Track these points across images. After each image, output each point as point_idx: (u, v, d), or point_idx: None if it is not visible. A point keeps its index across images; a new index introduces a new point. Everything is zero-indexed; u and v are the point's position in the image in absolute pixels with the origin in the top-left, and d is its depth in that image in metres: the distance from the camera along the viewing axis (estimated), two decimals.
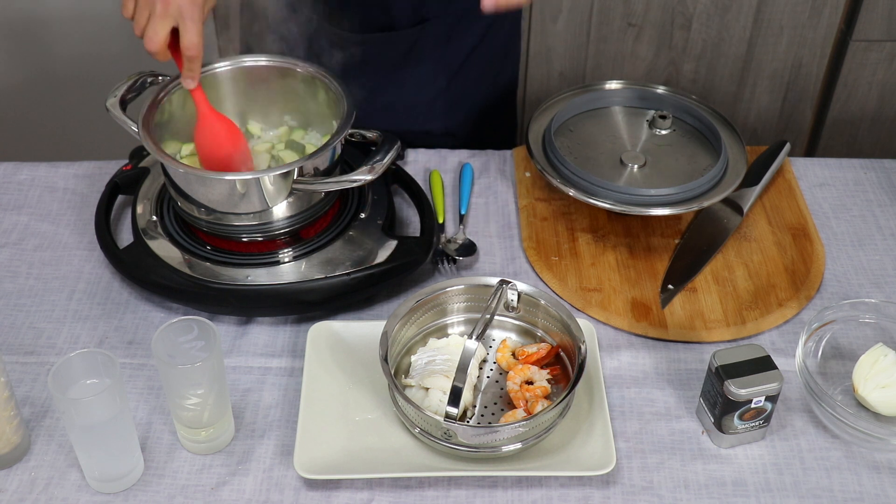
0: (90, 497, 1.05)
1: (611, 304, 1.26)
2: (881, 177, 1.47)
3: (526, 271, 1.31)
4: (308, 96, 1.31)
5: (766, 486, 1.07)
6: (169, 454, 1.09)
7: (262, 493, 1.06)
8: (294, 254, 1.24)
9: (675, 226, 1.37)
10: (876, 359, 1.13)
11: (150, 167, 1.35)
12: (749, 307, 1.26)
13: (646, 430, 1.13)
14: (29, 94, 2.41)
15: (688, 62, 2.05)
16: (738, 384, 1.05)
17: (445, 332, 1.19)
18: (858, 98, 2.07)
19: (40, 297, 1.26)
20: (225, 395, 1.07)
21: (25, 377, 1.17)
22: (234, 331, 1.22)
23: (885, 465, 1.10)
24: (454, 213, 1.40)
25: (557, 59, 2.04)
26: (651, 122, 1.41)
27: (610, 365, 1.19)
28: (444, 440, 1.05)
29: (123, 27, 2.30)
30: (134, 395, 1.15)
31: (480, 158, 1.48)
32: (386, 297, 1.27)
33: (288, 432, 1.11)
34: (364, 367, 1.16)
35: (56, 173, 1.44)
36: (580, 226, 1.37)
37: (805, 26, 1.99)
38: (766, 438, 1.12)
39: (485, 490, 1.06)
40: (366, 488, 1.06)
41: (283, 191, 1.19)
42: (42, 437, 1.11)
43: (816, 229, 1.37)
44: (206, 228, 1.24)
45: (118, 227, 1.35)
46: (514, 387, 1.12)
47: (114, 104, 1.25)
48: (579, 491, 1.06)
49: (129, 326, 1.23)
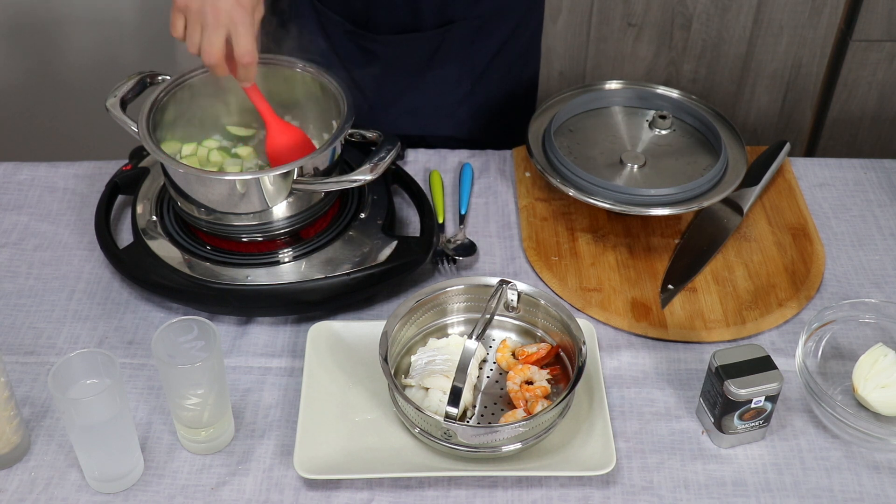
0: (90, 497, 1.05)
1: (611, 304, 1.26)
2: (881, 177, 1.47)
3: (526, 271, 1.31)
4: (308, 96, 1.31)
5: (766, 486, 1.07)
6: (169, 454, 1.09)
7: (262, 493, 1.06)
8: (294, 254, 1.24)
9: (675, 226, 1.37)
10: (876, 359, 1.13)
11: (150, 167, 1.35)
12: (749, 307, 1.26)
13: (646, 430, 1.13)
14: (29, 94, 2.41)
15: (688, 62, 2.05)
16: (738, 384, 1.05)
17: (445, 332, 1.19)
18: (858, 98, 2.07)
19: (40, 297, 1.26)
20: (225, 395, 1.07)
21: (25, 377, 1.17)
22: (234, 331, 1.22)
23: (885, 465, 1.10)
24: (454, 213, 1.40)
25: (557, 59, 2.04)
26: (651, 123, 1.41)
27: (610, 365, 1.19)
28: (444, 440, 1.05)
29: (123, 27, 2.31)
30: (134, 395, 1.15)
31: (480, 158, 1.48)
32: (386, 297, 1.27)
33: (288, 432, 1.11)
34: (364, 367, 1.16)
35: (56, 173, 1.44)
36: (580, 226, 1.37)
37: (805, 26, 1.99)
38: (766, 438, 1.12)
39: (485, 490, 1.06)
40: (366, 488, 1.06)
41: (283, 191, 1.19)
42: (42, 437, 1.11)
43: (816, 229, 1.37)
44: (206, 228, 1.24)
45: (118, 227, 1.35)
46: (514, 387, 1.12)
47: (114, 104, 1.25)
48: (579, 491, 1.06)
49: (129, 326, 1.23)
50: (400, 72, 1.49)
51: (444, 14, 1.44)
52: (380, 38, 1.45)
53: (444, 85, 1.51)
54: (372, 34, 1.45)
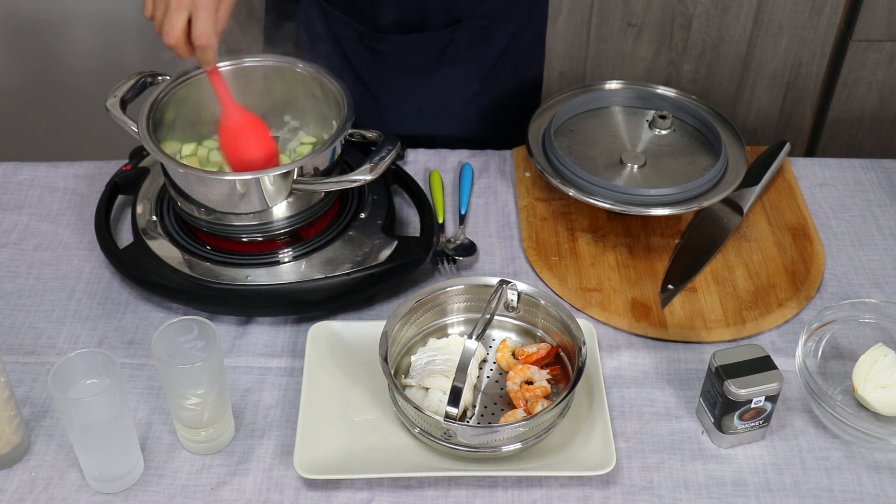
0: (90, 497, 1.05)
1: (611, 304, 1.26)
2: (881, 177, 1.47)
3: (526, 271, 1.31)
4: (308, 96, 1.31)
5: (766, 486, 1.07)
6: (169, 454, 1.09)
7: (262, 493, 1.06)
8: (294, 254, 1.24)
9: (675, 226, 1.37)
10: (876, 359, 1.13)
11: (150, 167, 1.35)
12: (749, 307, 1.26)
13: (646, 430, 1.13)
14: (29, 94, 2.41)
15: (688, 62, 2.05)
16: (738, 384, 1.05)
17: (445, 332, 1.19)
18: (858, 98, 2.07)
19: (40, 297, 1.26)
20: (225, 395, 1.07)
21: (25, 377, 1.17)
22: (234, 331, 1.22)
23: (885, 465, 1.10)
24: (454, 213, 1.40)
25: (557, 59, 2.04)
26: (651, 123, 1.41)
27: (610, 365, 1.19)
28: (444, 440, 1.05)
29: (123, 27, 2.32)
30: (134, 395, 1.15)
31: (480, 158, 1.48)
32: (386, 297, 1.27)
33: (288, 432, 1.11)
34: (364, 367, 1.16)
35: (56, 173, 1.44)
36: (580, 226, 1.37)
37: (805, 26, 1.99)
38: (766, 438, 1.12)
39: (485, 490, 1.06)
40: (366, 488, 1.06)
41: (283, 191, 1.19)
42: (42, 437, 1.11)
43: (816, 229, 1.37)
44: (206, 228, 1.24)
45: (118, 227, 1.35)
46: (514, 387, 1.12)
47: (114, 104, 1.25)
48: (579, 491, 1.06)
49: (129, 326, 1.23)
50: (408, 72, 1.49)
51: (450, 13, 1.44)
52: (388, 37, 1.46)
53: (451, 85, 1.51)
54: (380, 34, 1.46)
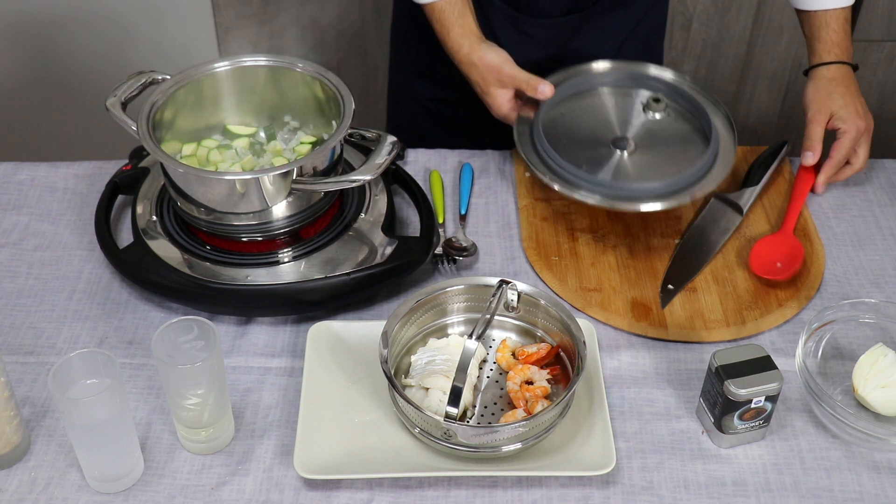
0: (90, 497, 1.05)
1: (611, 304, 1.26)
2: (881, 177, 1.47)
3: (526, 271, 1.31)
4: (308, 96, 1.31)
5: (766, 486, 1.07)
6: (169, 454, 1.10)
7: (262, 493, 1.06)
8: (294, 254, 1.24)
9: (676, 226, 1.37)
10: (876, 359, 1.13)
11: (150, 167, 1.35)
12: (749, 307, 1.26)
13: (646, 430, 1.13)
14: (29, 94, 2.41)
15: (688, 62, 2.05)
16: (738, 384, 1.05)
17: (445, 332, 1.19)
18: None
19: (40, 297, 1.26)
20: (225, 395, 1.07)
21: (25, 377, 1.17)
22: (234, 331, 1.22)
23: (885, 465, 1.10)
24: (454, 213, 1.40)
25: None
26: (645, 106, 1.38)
27: (610, 365, 1.19)
28: (444, 440, 1.05)
29: (123, 27, 2.32)
30: (134, 395, 1.15)
31: (480, 158, 1.48)
32: (386, 297, 1.27)
33: (288, 432, 1.11)
34: (364, 367, 1.16)
35: (56, 173, 1.44)
36: (580, 226, 1.37)
37: None
38: (766, 438, 1.12)
39: (485, 490, 1.06)
40: (366, 488, 1.06)
41: (283, 191, 1.19)
42: (42, 437, 1.11)
43: (816, 229, 1.37)
44: (205, 228, 1.24)
45: (118, 227, 1.35)
46: (514, 387, 1.12)
47: (114, 104, 1.25)
48: (579, 491, 1.06)
49: (129, 326, 1.23)
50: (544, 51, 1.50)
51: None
52: (544, 21, 1.47)
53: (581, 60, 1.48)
54: (535, 18, 1.47)
